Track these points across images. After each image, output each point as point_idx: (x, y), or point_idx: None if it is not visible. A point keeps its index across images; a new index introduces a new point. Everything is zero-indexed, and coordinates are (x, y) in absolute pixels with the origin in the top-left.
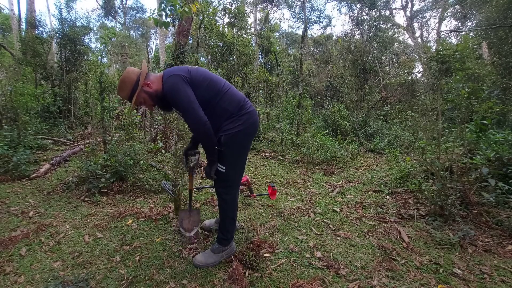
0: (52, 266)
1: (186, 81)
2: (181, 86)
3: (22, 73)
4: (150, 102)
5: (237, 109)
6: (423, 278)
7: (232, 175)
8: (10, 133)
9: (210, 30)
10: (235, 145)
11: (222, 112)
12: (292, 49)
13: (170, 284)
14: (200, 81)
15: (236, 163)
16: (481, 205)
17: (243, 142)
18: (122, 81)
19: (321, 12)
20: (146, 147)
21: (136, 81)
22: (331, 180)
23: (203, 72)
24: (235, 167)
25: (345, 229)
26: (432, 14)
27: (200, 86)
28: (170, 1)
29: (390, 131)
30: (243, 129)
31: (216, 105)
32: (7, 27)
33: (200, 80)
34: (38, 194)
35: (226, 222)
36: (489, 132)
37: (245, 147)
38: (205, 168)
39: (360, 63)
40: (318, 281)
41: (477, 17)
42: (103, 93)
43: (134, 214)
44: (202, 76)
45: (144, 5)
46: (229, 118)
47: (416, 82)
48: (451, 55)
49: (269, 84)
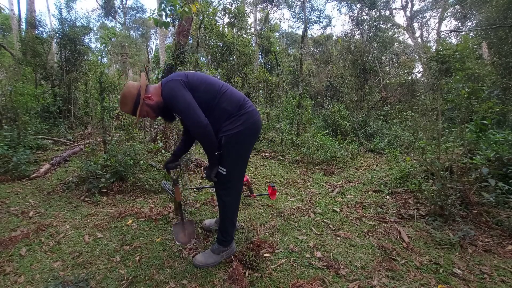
0: (52, 266)
1: (183, 85)
2: (179, 90)
3: (22, 73)
4: (153, 114)
5: (236, 109)
6: (423, 278)
7: (233, 177)
8: (10, 133)
9: (210, 30)
10: (235, 146)
11: (222, 113)
12: (292, 49)
13: (170, 284)
14: (198, 84)
15: (237, 165)
16: (481, 205)
17: (244, 143)
18: (123, 97)
19: (321, 12)
20: (146, 147)
21: (137, 95)
22: (331, 180)
23: (200, 76)
24: (236, 169)
25: (345, 229)
26: (432, 14)
27: (198, 89)
28: (170, 1)
29: (390, 131)
30: (243, 130)
31: (215, 107)
32: (7, 27)
33: (198, 83)
34: (38, 194)
35: (226, 223)
36: (489, 132)
37: (246, 149)
38: (205, 170)
39: (360, 63)
40: (318, 281)
41: (477, 17)
42: (103, 93)
43: (134, 214)
44: (199, 79)
45: (144, 5)
46: (228, 119)
47: (416, 82)
48: (451, 55)
49: (269, 84)
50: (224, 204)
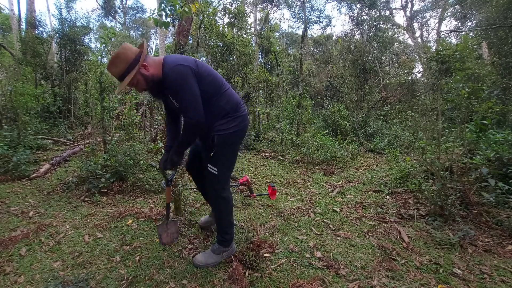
0: (52, 266)
1: (193, 73)
2: (190, 78)
3: (22, 73)
4: (144, 85)
5: (233, 110)
6: (423, 278)
7: (224, 175)
8: (10, 133)
9: (210, 30)
10: (229, 146)
11: (219, 110)
12: (292, 49)
13: (170, 284)
14: (205, 75)
15: (228, 163)
16: (481, 205)
17: (236, 143)
18: (116, 57)
19: (321, 12)
20: (146, 147)
21: (134, 60)
22: (331, 180)
23: (207, 67)
24: (227, 167)
25: (345, 229)
26: (432, 14)
27: (204, 80)
28: (170, 1)
29: (390, 131)
30: (237, 131)
31: (215, 103)
32: (7, 27)
33: (205, 74)
34: (38, 194)
35: (224, 224)
36: (489, 132)
37: (236, 149)
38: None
39: (360, 63)
40: (318, 281)
41: (477, 17)
42: (103, 93)
43: (134, 214)
44: (206, 70)
45: (144, 5)
46: (224, 118)
47: (416, 82)
48: (451, 55)
49: (269, 84)
50: (220, 204)
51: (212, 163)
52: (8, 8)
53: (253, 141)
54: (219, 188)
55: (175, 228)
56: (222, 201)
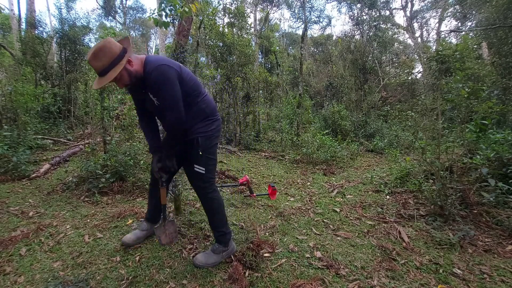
0: (52, 266)
1: (177, 75)
2: (173, 79)
3: (22, 73)
4: (127, 81)
5: (212, 113)
6: (423, 278)
7: (211, 173)
8: (10, 133)
9: (210, 30)
10: (211, 147)
11: (200, 113)
12: (292, 49)
13: (170, 284)
14: (188, 79)
15: (211, 162)
16: (481, 205)
17: (215, 144)
18: (100, 50)
19: (321, 12)
20: (146, 147)
21: (119, 56)
22: (331, 180)
23: (190, 73)
24: (210, 166)
25: (345, 229)
26: (432, 14)
27: (187, 85)
28: (170, 1)
29: (390, 131)
30: (215, 133)
31: (196, 104)
32: (7, 27)
33: (187, 79)
34: (38, 194)
35: (215, 221)
36: (489, 132)
37: (216, 150)
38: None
39: (360, 63)
40: (318, 281)
41: (477, 17)
42: (103, 93)
43: (134, 214)
44: (189, 75)
45: (144, 5)
46: (203, 121)
47: (416, 82)
48: (451, 55)
49: (269, 84)
50: (213, 201)
51: (199, 163)
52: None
53: (253, 141)
54: (208, 187)
55: (173, 228)
56: (211, 201)
